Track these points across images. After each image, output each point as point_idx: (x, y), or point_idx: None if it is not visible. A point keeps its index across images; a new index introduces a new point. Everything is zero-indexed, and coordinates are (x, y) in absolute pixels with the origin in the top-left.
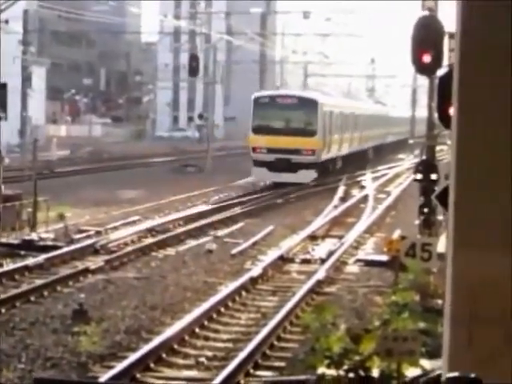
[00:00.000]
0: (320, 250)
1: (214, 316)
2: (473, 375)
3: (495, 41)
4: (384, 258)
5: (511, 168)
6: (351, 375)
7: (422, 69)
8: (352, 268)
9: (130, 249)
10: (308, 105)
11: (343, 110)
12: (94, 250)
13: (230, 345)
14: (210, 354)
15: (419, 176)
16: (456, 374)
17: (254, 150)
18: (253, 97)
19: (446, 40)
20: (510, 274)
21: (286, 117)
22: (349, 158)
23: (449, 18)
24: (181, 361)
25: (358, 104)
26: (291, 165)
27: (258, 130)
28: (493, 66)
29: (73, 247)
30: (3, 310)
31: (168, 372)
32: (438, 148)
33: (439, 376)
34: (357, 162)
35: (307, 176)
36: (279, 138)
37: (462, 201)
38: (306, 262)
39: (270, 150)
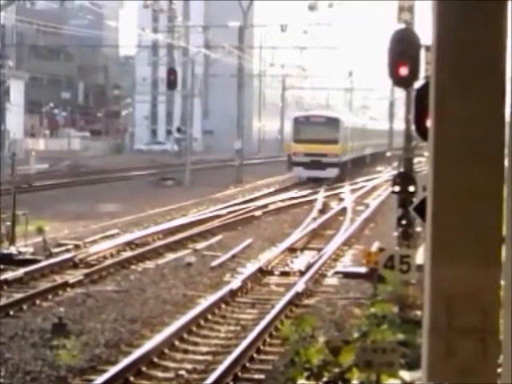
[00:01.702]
0: (299, 262)
1: (194, 329)
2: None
3: (471, 53)
4: (363, 270)
5: (488, 180)
6: None
7: (399, 81)
8: (331, 280)
9: (109, 262)
10: (332, 122)
11: (353, 125)
12: (73, 264)
13: (209, 357)
14: (189, 366)
15: (397, 188)
16: None
17: (294, 154)
18: (293, 116)
19: (422, 53)
20: (486, 285)
21: (317, 130)
22: (354, 161)
23: (425, 30)
24: (160, 374)
25: (361, 120)
26: (321, 164)
27: (297, 140)
28: (468, 78)
29: (52, 261)
30: None
31: None
32: (416, 160)
33: None
34: (359, 164)
35: (332, 172)
36: (312, 145)
37: (439, 212)
38: (284, 274)
39: (306, 154)
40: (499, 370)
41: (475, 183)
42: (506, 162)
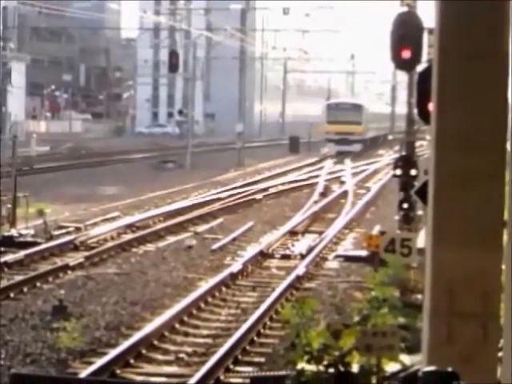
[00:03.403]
0: (300, 245)
1: (194, 312)
2: (450, 369)
3: (474, 38)
4: (364, 253)
5: (489, 164)
6: (331, 370)
7: (402, 65)
8: (332, 264)
9: (109, 245)
10: (357, 107)
11: (372, 110)
12: (73, 247)
13: (209, 340)
14: (189, 349)
15: (399, 171)
16: (433, 368)
17: (327, 133)
18: (326, 103)
19: (425, 36)
20: (487, 268)
21: (345, 114)
22: (372, 139)
23: (428, 13)
24: (161, 357)
25: (377, 106)
26: (348, 141)
27: (330, 122)
28: (471, 63)
29: (52, 243)
30: None
31: (148, 368)
32: (417, 143)
33: (418, 371)
34: (375, 141)
35: (357, 147)
36: (342, 125)
37: (441, 196)
38: (285, 257)
39: (337, 133)
40: (500, 354)
41: (477, 167)
42: (509, 147)
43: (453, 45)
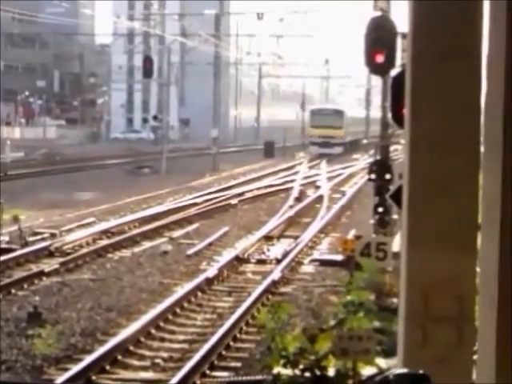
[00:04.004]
0: (275, 250)
1: (170, 317)
2: (421, 371)
3: (445, 40)
4: (339, 257)
5: (464, 167)
6: (307, 374)
7: (376, 69)
8: (307, 268)
9: (85, 251)
10: (338, 113)
11: (351, 114)
12: (48, 253)
13: (186, 346)
14: (165, 355)
15: (373, 176)
16: (404, 370)
17: (311, 136)
18: (310, 108)
19: (399, 40)
20: (462, 271)
21: (328, 119)
22: (352, 143)
23: (401, 18)
24: (136, 362)
25: (357, 111)
26: (330, 144)
27: (313, 126)
28: (443, 65)
29: (27, 250)
30: None
31: (124, 374)
32: (392, 148)
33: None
34: (355, 144)
35: (338, 150)
36: (324, 130)
37: (415, 199)
38: (261, 262)
39: (320, 136)
40: (475, 357)
41: (451, 170)
42: (482, 149)
43: (426, 47)
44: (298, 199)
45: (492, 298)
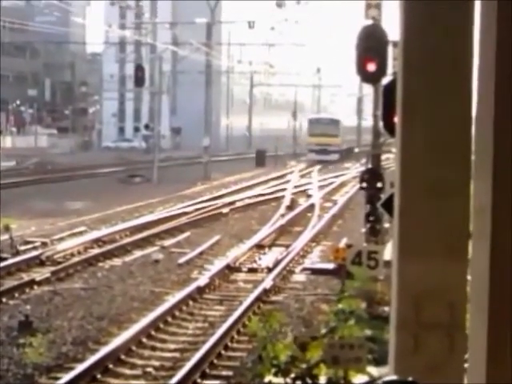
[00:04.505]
0: (267, 258)
1: (161, 326)
2: (410, 379)
3: (438, 51)
4: (330, 266)
5: (455, 176)
6: (298, 383)
7: (367, 77)
8: (299, 277)
9: (76, 259)
10: (335, 122)
11: (346, 123)
12: (39, 262)
13: (177, 354)
14: (157, 364)
15: (365, 184)
16: (393, 377)
17: (309, 144)
18: (308, 118)
19: (390, 49)
20: (453, 281)
21: (325, 128)
22: (347, 150)
23: (392, 26)
24: (128, 371)
25: (352, 120)
26: (327, 151)
27: (311, 135)
28: (435, 76)
29: (18, 259)
30: None
31: (115, 382)
32: (384, 157)
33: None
34: (348, 152)
35: (334, 157)
36: (322, 138)
37: (407, 208)
38: (252, 271)
39: (317, 144)
40: (466, 366)
41: (442, 179)
42: (473, 158)
43: (417, 55)
44: (290, 208)
45: (483, 306)
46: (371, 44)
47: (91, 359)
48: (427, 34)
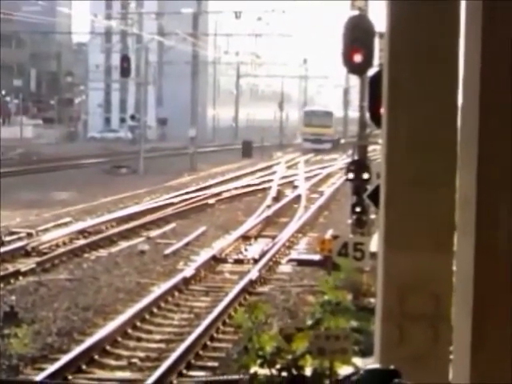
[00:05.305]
0: (253, 250)
1: (147, 317)
2: (392, 367)
3: (423, 40)
4: (317, 257)
5: (440, 167)
6: (284, 374)
7: (353, 68)
8: (285, 268)
9: (61, 250)
10: (329, 114)
11: (339, 116)
12: (25, 252)
13: (162, 345)
14: (142, 354)
15: (351, 175)
16: (375, 366)
17: (304, 134)
18: (304, 110)
19: (376, 40)
20: (439, 272)
21: (319, 119)
22: (339, 139)
23: (379, 17)
24: (113, 362)
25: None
26: (321, 141)
27: (306, 125)
28: (420, 65)
29: (3, 249)
30: None
31: (100, 373)
32: (371, 148)
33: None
34: (335, 143)
35: (328, 145)
36: (316, 128)
37: (392, 199)
38: (238, 262)
39: (312, 134)
40: (451, 356)
41: (428, 170)
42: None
43: (403, 46)
44: (276, 199)
45: (467, 297)
46: (357, 35)
47: (76, 350)
48: (413, 25)
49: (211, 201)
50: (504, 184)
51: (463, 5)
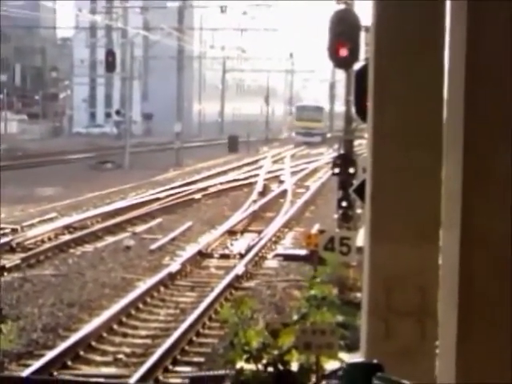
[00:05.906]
0: (239, 244)
1: (133, 312)
2: (375, 361)
3: (408, 34)
4: (303, 252)
5: (426, 161)
6: (270, 369)
7: (339, 62)
8: (271, 263)
9: (47, 246)
10: (319, 109)
11: (329, 110)
12: (9, 248)
13: (148, 341)
14: (128, 350)
15: (337, 170)
16: (358, 360)
17: (296, 127)
18: (296, 105)
19: (362, 34)
20: (425, 265)
21: (310, 113)
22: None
23: (365, 11)
24: (99, 358)
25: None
26: (311, 134)
27: (298, 119)
28: (406, 59)
29: None
30: None
31: (86, 369)
32: (357, 142)
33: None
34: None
35: (318, 138)
36: (307, 122)
37: (379, 194)
38: (224, 257)
39: (303, 127)
40: (437, 351)
41: (413, 164)
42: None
43: (389, 41)
44: (262, 194)
45: (453, 291)
46: (343, 29)
47: (62, 346)
48: (399, 20)
49: (197, 196)
50: (489, 176)
51: (448, 3)
